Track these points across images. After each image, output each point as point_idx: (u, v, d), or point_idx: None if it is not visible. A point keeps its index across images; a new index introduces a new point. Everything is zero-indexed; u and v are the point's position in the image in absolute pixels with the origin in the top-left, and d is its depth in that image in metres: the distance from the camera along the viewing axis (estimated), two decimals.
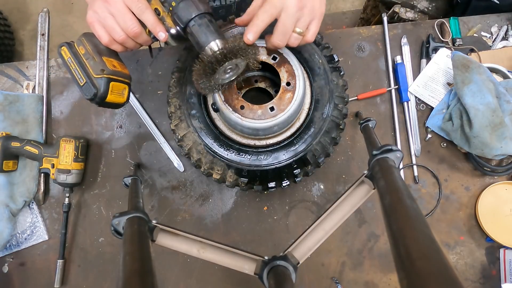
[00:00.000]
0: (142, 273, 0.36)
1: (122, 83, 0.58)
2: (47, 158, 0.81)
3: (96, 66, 0.55)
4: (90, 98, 0.56)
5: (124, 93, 0.59)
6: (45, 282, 0.84)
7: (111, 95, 0.56)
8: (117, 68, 0.58)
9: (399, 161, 0.52)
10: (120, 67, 0.59)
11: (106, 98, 0.56)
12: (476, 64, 0.81)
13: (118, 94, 0.58)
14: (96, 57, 0.55)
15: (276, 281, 0.50)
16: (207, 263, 0.57)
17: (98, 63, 0.55)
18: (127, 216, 0.49)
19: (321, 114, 0.67)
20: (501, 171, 0.84)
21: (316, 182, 0.86)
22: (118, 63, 0.59)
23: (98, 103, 0.57)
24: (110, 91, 0.56)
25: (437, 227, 0.85)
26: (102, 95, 0.55)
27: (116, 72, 0.57)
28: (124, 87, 0.59)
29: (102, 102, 0.56)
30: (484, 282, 0.84)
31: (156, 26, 0.54)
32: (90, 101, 0.56)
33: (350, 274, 0.84)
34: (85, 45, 0.56)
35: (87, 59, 0.56)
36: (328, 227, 0.55)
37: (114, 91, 0.57)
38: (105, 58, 0.56)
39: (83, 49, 0.56)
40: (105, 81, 0.55)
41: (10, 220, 0.82)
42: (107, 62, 0.56)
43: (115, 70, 0.57)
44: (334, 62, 0.70)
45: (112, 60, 0.57)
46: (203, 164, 0.68)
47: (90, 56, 0.56)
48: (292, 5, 0.52)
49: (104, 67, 0.55)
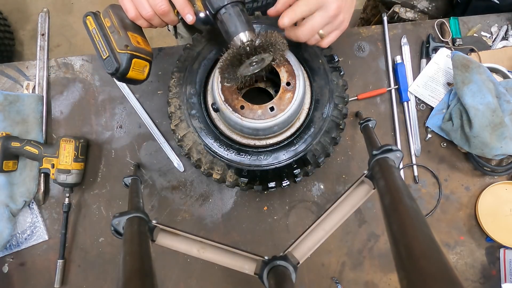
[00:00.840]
0: (142, 273, 0.36)
1: (144, 60, 0.58)
2: (47, 158, 0.81)
3: (120, 40, 0.55)
4: (112, 73, 0.56)
5: (145, 70, 0.59)
6: (45, 282, 0.84)
7: (132, 72, 0.57)
8: (141, 44, 0.57)
9: (399, 161, 0.52)
10: (143, 43, 0.58)
11: (127, 74, 0.56)
12: (476, 64, 0.81)
13: (139, 71, 0.58)
14: (121, 31, 0.55)
15: (276, 281, 0.50)
16: (207, 263, 0.57)
17: (122, 37, 0.55)
18: (127, 216, 0.49)
19: (321, 114, 0.67)
20: (501, 171, 0.84)
21: (316, 182, 0.86)
22: (142, 40, 0.58)
23: (118, 78, 0.57)
24: (132, 68, 0.56)
25: (437, 227, 0.85)
26: (124, 71, 0.55)
27: (140, 49, 0.57)
28: (145, 64, 0.59)
29: (123, 77, 0.57)
30: (484, 282, 0.84)
31: (184, 7, 0.53)
32: (111, 75, 0.56)
33: (350, 274, 0.84)
34: (111, 18, 0.56)
35: (112, 32, 0.55)
36: (328, 227, 0.55)
37: (136, 68, 0.57)
38: (130, 33, 0.56)
39: (109, 22, 0.56)
40: (128, 57, 0.55)
41: (10, 220, 0.82)
42: (131, 38, 0.56)
43: (139, 46, 0.56)
44: (334, 62, 0.70)
45: (136, 36, 0.57)
46: (203, 164, 0.68)
47: (115, 30, 0.55)
48: (332, 9, 0.54)
49: (129, 42, 0.55)
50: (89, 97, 0.90)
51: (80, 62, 0.91)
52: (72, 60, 0.91)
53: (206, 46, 0.69)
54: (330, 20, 0.55)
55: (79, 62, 0.91)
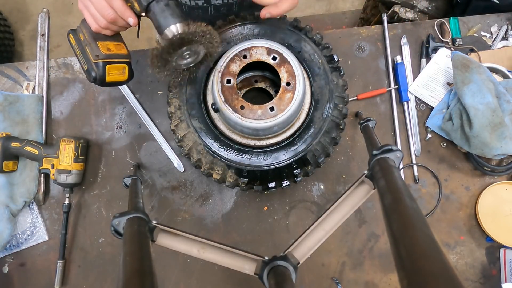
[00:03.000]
0: (142, 273, 0.36)
1: (120, 63, 0.62)
2: (47, 159, 0.81)
3: (92, 51, 0.59)
4: (92, 81, 0.61)
5: (124, 71, 0.64)
6: (45, 283, 0.84)
7: (110, 76, 0.61)
8: (112, 50, 0.61)
9: (399, 161, 0.52)
10: (115, 48, 0.62)
11: (105, 80, 0.61)
12: (476, 64, 0.81)
13: (118, 74, 0.62)
14: (92, 43, 0.59)
15: (276, 281, 0.50)
16: (207, 263, 0.57)
17: (93, 49, 0.59)
18: (127, 217, 0.49)
19: (321, 114, 0.67)
20: (501, 171, 0.84)
21: (316, 182, 0.86)
22: (114, 45, 0.62)
23: (100, 84, 0.61)
24: (108, 73, 0.60)
25: (437, 227, 0.85)
26: (101, 77, 0.60)
27: (111, 55, 0.60)
28: (123, 67, 0.63)
29: (102, 83, 0.61)
30: (484, 282, 0.84)
31: (124, 12, 0.57)
32: (94, 83, 0.61)
33: (350, 274, 0.84)
34: (83, 32, 0.60)
35: (86, 45, 0.60)
36: (328, 227, 0.55)
37: (113, 72, 0.61)
38: (100, 43, 0.60)
39: (82, 36, 0.60)
40: (102, 65, 0.59)
41: (10, 220, 0.82)
42: (101, 47, 0.59)
43: (110, 53, 0.60)
44: (334, 62, 0.70)
45: (107, 43, 0.61)
46: (203, 164, 0.68)
47: (87, 42, 0.60)
48: None
49: (98, 52, 0.59)
50: (89, 98, 0.90)
51: None
52: (72, 60, 0.91)
53: None
54: None
55: (79, 63, 0.91)
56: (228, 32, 0.69)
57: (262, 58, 0.62)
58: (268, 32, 0.69)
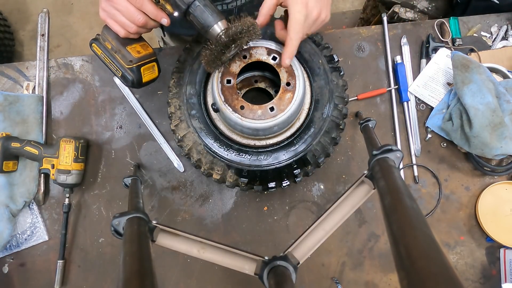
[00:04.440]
0: (142, 274, 0.36)
1: (150, 63, 0.65)
2: (47, 159, 0.81)
3: (124, 58, 0.61)
4: (130, 86, 0.64)
5: (154, 69, 0.66)
6: (45, 283, 0.84)
7: (145, 77, 0.64)
8: (141, 52, 0.63)
9: (399, 161, 0.52)
10: (143, 49, 0.64)
11: (142, 81, 0.64)
12: (476, 64, 0.81)
13: (150, 73, 0.66)
14: (122, 49, 0.61)
15: (276, 281, 0.50)
16: (207, 264, 0.57)
17: (125, 55, 0.61)
18: (127, 217, 0.49)
19: (321, 114, 0.67)
20: (501, 171, 0.84)
21: (316, 182, 0.86)
22: (141, 46, 0.64)
23: (137, 87, 0.64)
24: (143, 74, 0.64)
25: (437, 227, 0.85)
26: (138, 80, 0.63)
27: (142, 57, 0.63)
28: (153, 65, 0.66)
29: (140, 85, 0.64)
30: (484, 282, 0.84)
31: (157, 15, 0.58)
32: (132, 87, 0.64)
33: (350, 274, 0.84)
34: (109, 41, 0.62)
35: (115, 52, 0.62)
36: (328, 227, 0.55)
37: (146, 73, 0.64)
38: (129, 48, 0.62)
39: (109, 44, 0.62)
40: (136, 69, 0.62)
41: (10, 220, 0.82)
42: (131, 52, 0.62)
43: (140, 55, 0.63)
44: (334, 62, 0.70)
45: (134, 46, 0.63)
46: (203, 164, 0.68)
47: (116, 50, 0.62)
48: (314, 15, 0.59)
49: (131, 57, 0.61)
50: (89, 98, 0.90)
51: (80, 63, 0.91)
52: (72, 60, 0.91)
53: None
54: (314, 23, 0.60)
55: (79, 63, 0.91)
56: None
57: (262, 58, 0.62)
58: (268, 32, 0.69)
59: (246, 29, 0.57)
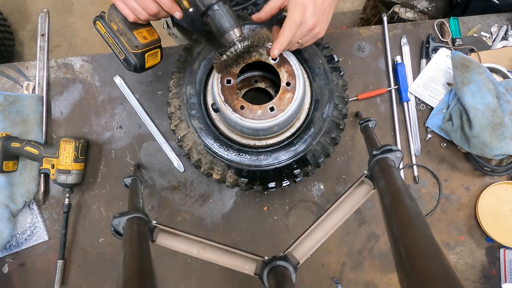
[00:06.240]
0: (142, 274, 0.36)
1: (154, 49, 0.64)
2: (47, 159, 0.81)
3: (130, 42, 0.60)
4: (132, 70, 0.63)
5: (157, 55, 0.66)
6: (45, 283, 0.84)
7: (148, 63, 0.64)
8: (147, 38, 0.63)
9: (399, 161, 0.52)
10: (149, 35, 0.63)
11: (145, 67, 0.63)
12: (476, 64, 0.81)
13: (153, 58, 0.65)
14: (128, 33, 0.60)
15: (276, 281, 0.50)
16: (207, 264, 0.57)
17: (131, 39, 0.60)
18: (127, 217, 0.49)
19: (321, 114, 0.67)
20: (501, 171, 0.84)
21: (316, 182, 0.86)
22: (147, 31, 0.63)
23: (139, 71, 0.64)
24: (147, 61, 0.63)
25: (437, 227, 0.85)
26: (141, 66, 0.62)
27: (148, 43, 0.62)
28: (156, 51, 0.65)
29: (142, 70, 0.63)
30: (484, 282, 0.84)
31: (171, 7, 0.58)
32: (132, 71, 0.63)
33: (350, 274, 0.84)
34: (116, 22, 0.61)
35: (121, 34, 0.60)
36: (328, 227, 0.55)
37: (150, 59, 0.64)
38: (136, 32, 0.61)
39: (115, 26, 0.61)
40: (141, 54, 0.61)
41: (10, 220, 0.82)
42: (138, 37, 0.61)
43: (146, 41, 0.62)
44: (334, 62, 0.70)
45: (141, 31, 0.62)
46: (203, 164, 0.68)
47: (123, 32, 0.60)
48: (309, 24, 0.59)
49: (137, 43, 0.60)
50: (89, 98, 0.90)
51: (80, 63, 0.91)
52: (72, 60, 0.91)
53: (205, 47, 0.69)
54: (308, 33, 0.61)
55: (79, 63, 0.91)
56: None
57: (262, 58, 0.62)
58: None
59: (262, 42, 0.58)
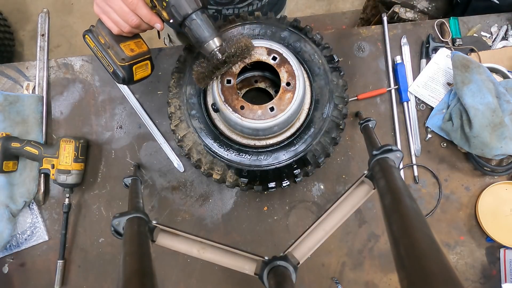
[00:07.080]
0: (142, 274, 0.36)
1: (143, 61, 0.64)
2: (47, 159, 0.81)
3: (117, 55, 0.60)
4: (120, 82, 0.63)
5: (147, 67, 0.66)
6: (45, 283, 0.84)
7: (137, 75, 0.64)
8: (135, 50, 0.63)
9: (399, 161, 0.52)
10: (137, 47, 0.63)
11: (134, 79, 0.63)
12: (476, 64, 0.81)
13: (143, 70, 0.65)
14: (115, 46, 0.60)
15: (276, 282, 0.50)
16: (207, 264, 0.57)
17: (117, 52, 0.60)
18: (127, 217, 0.49)
19: (321, 114, 0.67)
20: (501, 171, 0.84)
21: (316, 182, 0.86)
22: (135, 44, 0.63)
23: (127, 84, 0.64)
24: (135, 73, 0.63)
25: (437, 227, 0.85)
26: (130, 78, 0.63)
27: (136, 56, 0.62)
28: (146, 63, 0.65)
29: (130, 83, 0.64)
30: (484, 282, 0.84)
31: (150, 19, 0.58)
32: (121, 83, 0.64)
33: (350, 274, 0.84)
34: (103, 35, 0.61)
35: (108, 48, 0.61)
36: (328, 227, 0.55)
37: (139, 71, 0.64)
38: (123, 45, 0.61)
39: (103, 39, 0.61)
40: (128, 67, 0.61)
41: (10, 220, 0.82)
42: (125, 49, 0.61)
43: (133, 54, 0.62)
44: (334, 62, 0.70)
45: (128, 43, 0.62)
46: (203, 164, 0.68)
47: (109, 45, 0.61)
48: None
49: (124, 55, 0.60)
50: (89, 98, 0.90)
51: (80, 63, 0.91)
52: (72, 60, 0.91)
53: None
54: None
55: (79, 63, 0.91)
56: (228, 32, 0.69)
57: (262, 58, 0.62)
58: (268, 32, 0.69)
59: (240, 52, 0.57)
